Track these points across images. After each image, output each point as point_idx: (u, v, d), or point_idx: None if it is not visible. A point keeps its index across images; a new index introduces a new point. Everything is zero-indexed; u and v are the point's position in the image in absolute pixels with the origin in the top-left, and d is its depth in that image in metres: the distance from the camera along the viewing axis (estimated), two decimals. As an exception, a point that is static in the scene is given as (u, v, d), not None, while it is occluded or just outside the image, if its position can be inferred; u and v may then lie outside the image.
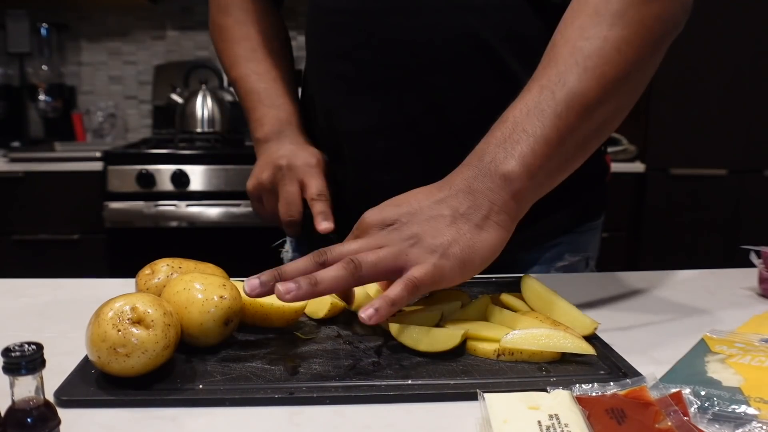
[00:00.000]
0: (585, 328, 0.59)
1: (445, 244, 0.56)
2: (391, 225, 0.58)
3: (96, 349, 0.48)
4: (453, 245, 0.56)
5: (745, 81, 2.39)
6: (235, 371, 0.52)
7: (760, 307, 0.73)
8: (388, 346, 0.57)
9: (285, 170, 0.80)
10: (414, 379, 0.51)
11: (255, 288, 0.52)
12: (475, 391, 0.47)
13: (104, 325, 0.48)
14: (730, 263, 0.87)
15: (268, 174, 0.81)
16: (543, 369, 0.53)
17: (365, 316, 0.51)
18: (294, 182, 0.80)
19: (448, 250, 0.55)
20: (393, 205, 0.59)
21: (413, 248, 0.55)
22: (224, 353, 0.56)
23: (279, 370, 0.53)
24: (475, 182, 0.58)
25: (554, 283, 0.67)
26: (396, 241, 0.56)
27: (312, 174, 0.80)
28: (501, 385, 0.50)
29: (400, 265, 0.55)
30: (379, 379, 0.51)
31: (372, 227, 0.58)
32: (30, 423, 0.37)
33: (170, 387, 0.50)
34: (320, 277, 0.52)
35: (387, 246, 0.56)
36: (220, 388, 0.49)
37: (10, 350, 0.37)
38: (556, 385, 0.48)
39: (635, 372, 0.52)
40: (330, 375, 0.52)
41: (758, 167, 2.45)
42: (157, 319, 0.49)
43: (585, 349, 0.55)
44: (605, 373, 0.52)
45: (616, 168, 2.40)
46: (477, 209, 0.57)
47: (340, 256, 0.55)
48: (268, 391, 0.49)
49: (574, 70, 0.60)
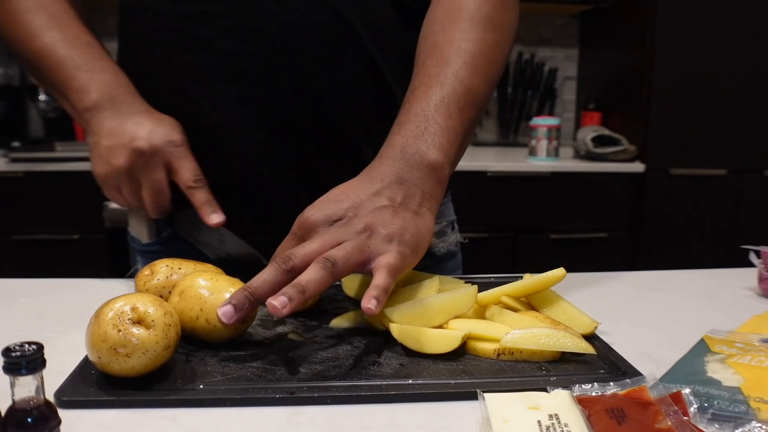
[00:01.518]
0: (585, 327, 0.59)
1: (397, 232, 0.59)
2: (339, 220, 0.60)
3: (96, 350, 0.48)
4: (404, 232, 0.59)
5: (745, 81, 2.39)
6: (235, 371, 0.52)
7: (760, 307, 0.73)
8: (388, 346, 0.58)
9: (148, 155, 0.70)
10: (414, 378, 0.51)
11: (231, 315, 0.52)
12: (475, 390, 0.48)
13: (104, 325, 0.48)
14: (730, 263, 0.87)
15: (125, 159, 0.70)
16: (543, 368, 0.53)
17: (372, 307, 0.52)
18: (160, 167, 0.71)
19: (402, 237, 0.59)
20: (332, 201, 0.61)
21: (371, 240, 0.58)
22: (224, 353, 0.56)
23: (279, 370, 0.53)
24: (404, 173, 0.63)
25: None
26: (352, 235, 0.58)
27: (180, 155, 0.71)
28: (501, 385, 0.50)
29: (365, 257, 0.57)
30: (380, 379, 0.51)
31: (318, 225, 0.60)
32: (30, 423, 0.37)
33: (171, 387, 0.50)
34: (305, 282, 0.53)
35: (347, 241, 0.58)
36: (220, 388, 0.49)
37: (10, 350, 0.37)
38: (556, 385, 0.48)
39: (635, 371, 0.53)
40: (331, 375, 0.52)
41: (758, 167, 2.46)
42: (158, 319, 0.50)
43: (585, 348, 0.55)
44: (605, 373, 0.53)
45: (616, 168, 2.40)
46: (411, 198, 0.62)
47: (306, 258, 0.56)
48: (269, 391, 0.49)
49: (465, 69, 0.68)
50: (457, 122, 0.66)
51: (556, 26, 2.96)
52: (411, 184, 0.63)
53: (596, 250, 2.44)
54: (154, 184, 0.71)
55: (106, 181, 0.72)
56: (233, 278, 0.59)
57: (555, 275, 0.61)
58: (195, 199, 0.71)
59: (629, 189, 2.43)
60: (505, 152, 2.74)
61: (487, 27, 0.72)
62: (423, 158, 0.64)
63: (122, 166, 0.70)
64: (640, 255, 2.46)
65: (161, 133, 0.71)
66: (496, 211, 2.39)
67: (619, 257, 2.47)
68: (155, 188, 0.71)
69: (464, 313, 0.59)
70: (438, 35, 0.72)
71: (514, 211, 2.40)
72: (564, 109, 3.02)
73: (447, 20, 0.73)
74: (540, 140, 2.46)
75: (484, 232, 2.38)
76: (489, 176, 2.34)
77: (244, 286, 0.54)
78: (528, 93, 2.93)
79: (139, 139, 0.69)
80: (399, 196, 0.62)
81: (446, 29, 0.72)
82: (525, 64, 2.91)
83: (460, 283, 0.67)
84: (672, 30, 2.35)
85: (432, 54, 0.71)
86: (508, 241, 2.39)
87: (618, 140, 2.43)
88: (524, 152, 2.60)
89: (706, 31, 2.35)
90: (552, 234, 2.42)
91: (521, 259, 2.37)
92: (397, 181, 0.63)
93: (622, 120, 2.60)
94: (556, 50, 2.98)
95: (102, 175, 0.72)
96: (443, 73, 0.68)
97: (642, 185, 2.42)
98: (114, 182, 0.72)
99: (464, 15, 0.72)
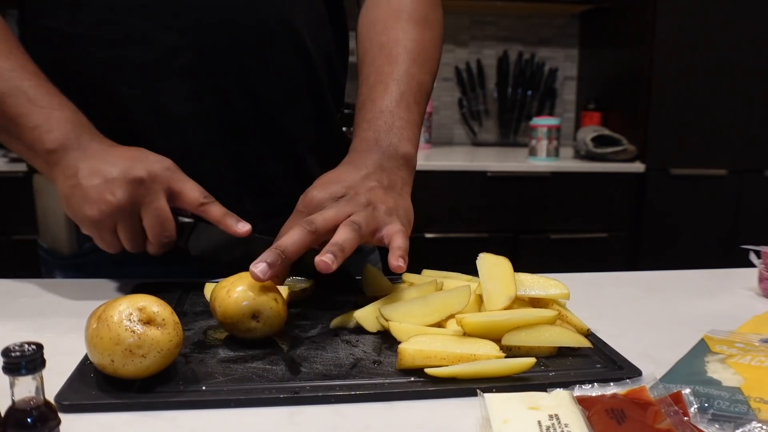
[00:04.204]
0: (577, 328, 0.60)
1: (393, 208, 0.66)
2: (342, 197, 0.65)
3: (108, 353, 0.48)
4: (398, 209, 0.66)
5: (745, 81, 2.39)
6: (237, 372, 0.52)
7: (760, 307, 0.73)
8: (387, 345, 0.58)
9: (147, 183, 0.64)
10: (415, 377, 0.51)
11: (265, 271, 0.56)
12: (475, 389, 0.48)
13: (116, 328, 0.48)
14: (730, 263, 0.87)
15: (124, 193, 0.63)
16: (541, 364, 0.54)
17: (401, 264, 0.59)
18: (161, 195, 0.66)
19: (398, 213, 0.66)
20: (332, 182, 0.66)
21: (375, 212, 0.64)
22: (224, 354, 0.56)
23: (281, 369, 0.53)
24: (384, 163, 0.69)
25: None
26: (360, 208, 0.63)
27: (180, 177, 0.67)
28: (502, 381, 0.50)
29: (375, 226, 0.63)
30: (381, 378, 0.51)
31: (324, 201, 0.65)
32: (30, 423, 0.37)
33: (173, 389, 0.49)
34: (342, 242, 0.58)
35: (356, 212, 0.63)
36: (223, 389, 0.49)
37: (10, 350, 0.37)
38: (555, 380, 0.49)
39: (630, 365, 0.54)
40: (332, 374, 0.52)
41: (758, 167, 2.46)
42: (168, 318, 0.50)
43: (581, 342, 0.56)
44: (601, 367, 0.54)
45: (617, 168, 2.40)
46: (394, 183, 0.69)
47: (327, 223, 0.61)
48: (272, 391, 0.49)
49: (414, 66, 0.75)
50: (416, 115, 0.73)
51: (556, 26, 2.96)
52: (390, 171, 0.69)
53: (596, 250, 2.44)
54: (158, 212, 0.65)
55: (101, 223, 0.65)
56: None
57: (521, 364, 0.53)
58: (211, 214, 0.68)
59: (629, 189, 2.43)
60: (505, 152, 2.74)
61: (425, 25, 0.79)
62: (397, 150, 0.71)
63: (121, 200, 0.63)
64: (640, 255, 2.46)
65: (154, 160, 0.66)
66: (496, 211, 2.39)
67: (619, 257, 2.47)
68: (160, 215, 0.66)
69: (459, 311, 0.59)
70: (383, 35, 0.78)
71: (514, 211, 2.40)
72: (564, 109, 3.02)
73: (389, 20, 0.78)
74: (540, 140, 2.46)
75: (484, 232, 2.38)
76: (489, 176, 2.34)
77: (274, 245, 0.58)
78: (528, 93, 2.93)
79: (135, 169, 0.64)
80: (384, 180, 0.68)
81: (389, 29, 0.78)
82: (525, 64, 2.91)
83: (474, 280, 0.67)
84: (672, 30, 2.35)
85: (380, 53, 0.76)
86: (508, 241, 2.39)
87: (618, 140, 2.43)
88: (524, 152, 2.60)
89: (706, 31, 2.35)
90: (552, 234, 2.42)
91: (521, 259, 2.37)
92: (379, 168, 0.69)
93: (622, 120, 2.60)
94: (556, 50, 2.98)
95: (95, 217, 0.64)
96: (396, 71, 0.74)
97: (642, 185, 2.42)
98: (109, 223, 0.65)
99: (404, 15, 0.78)
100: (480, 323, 0.55)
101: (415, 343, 0.53)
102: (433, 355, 0.52)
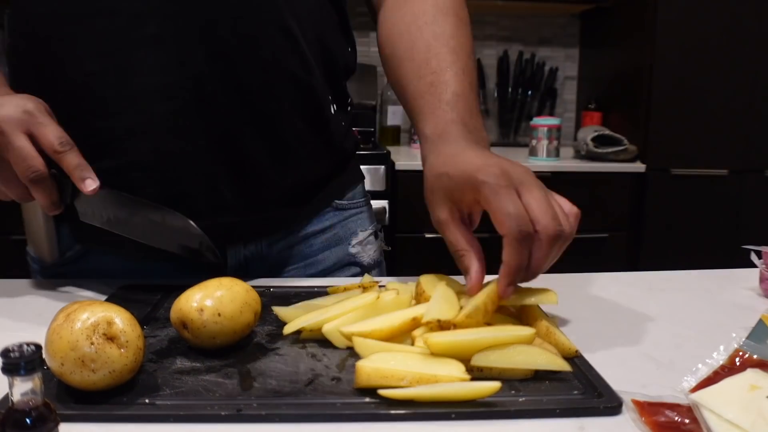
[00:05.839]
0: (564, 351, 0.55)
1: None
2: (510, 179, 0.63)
3: (61, 356, 0.46)
4: None
5: (745, 81, 2.39)
6: (186, 385, 0.50)
7: (761, 307, 0.72)
8: (353, 362, 0.52)
9: (2, 126, 0.62)
10: (371, 397, 0.48)
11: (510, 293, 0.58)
12: (438, 411, 0.45)
13: (77, 333, 0.46)
14: (730, 263, 0.87)
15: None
16: (513, 388, 0.50)
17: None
18: (19, 136, 0.62)
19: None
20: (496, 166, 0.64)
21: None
22: (180, 365, 0.53)
23: (232, 384, 0.50)
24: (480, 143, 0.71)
25: (555, 284, 0.66)
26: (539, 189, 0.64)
27: (40, 121, 0.63)
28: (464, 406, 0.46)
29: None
30: (336, 397, 0.48)
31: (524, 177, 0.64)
32: (29, 423, 0.37)
33: (116, 402, 0.47)
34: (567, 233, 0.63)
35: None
36: (167, 403, 0.47)
37: (9, 351, 0.36)
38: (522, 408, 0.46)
39: (611, 393, 0.49)
40: (284, 391, 0.49)
41: (758, 167, 2.46)
42: (132, 341, 0.48)
43: (559, 365, 0.51)
44: (578, 393, 0.49)
45: (617, 168, 2.40)
46: None
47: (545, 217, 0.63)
48: (215, 408, 0.46)
49: (469, 62, 0.77)
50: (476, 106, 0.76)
51: (557, 26, 2.96)
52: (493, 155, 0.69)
53: (596, 250, 2.44)
54: (19, 150, 0.62)
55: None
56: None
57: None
58: (65, 163, 0.63)
59: (630, 189, 2.43)
60: (506, 152, 2.74)
61: (466, 23, 0.81)
62: (481, 134, 0.74)
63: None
64: (641, 255, 2.46)
65: (13, 104, 0.63)
66: (496, 211, 2.38)
67: (620, 257, 2.47)
68: (21, 154, 0.62)
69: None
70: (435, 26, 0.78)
71: (515, 211, 2.39)
72: (564, 109, 3.02)
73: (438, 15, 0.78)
74: (540, 140, 2.46)
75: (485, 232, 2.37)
76: (489, 176, 2.34)
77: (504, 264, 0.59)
78: (528, 93, 2.93)
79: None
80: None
81: (429, 24, 0.78)
82: (525, 64, 2.91)
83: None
84: (672, 30, 2.35)
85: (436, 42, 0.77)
86: (508, 241, 2.39)
87: (619, 140, 2.43)
88: (525, 152, 2.60)
89: (707, 31, 2.35)
90: (552, 234, 2.41)
91: (521, 259, 2.37)
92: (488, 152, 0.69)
93: (622, 120, 2.60)
94: (557, 50, 2.98)
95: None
96: (456, 65, 0.75)
97: (643, 185, 2.42)
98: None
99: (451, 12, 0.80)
100: (446, 342, 0.50)
101: (373, 361, 0.49)
102: (390, 374, 0.48)
